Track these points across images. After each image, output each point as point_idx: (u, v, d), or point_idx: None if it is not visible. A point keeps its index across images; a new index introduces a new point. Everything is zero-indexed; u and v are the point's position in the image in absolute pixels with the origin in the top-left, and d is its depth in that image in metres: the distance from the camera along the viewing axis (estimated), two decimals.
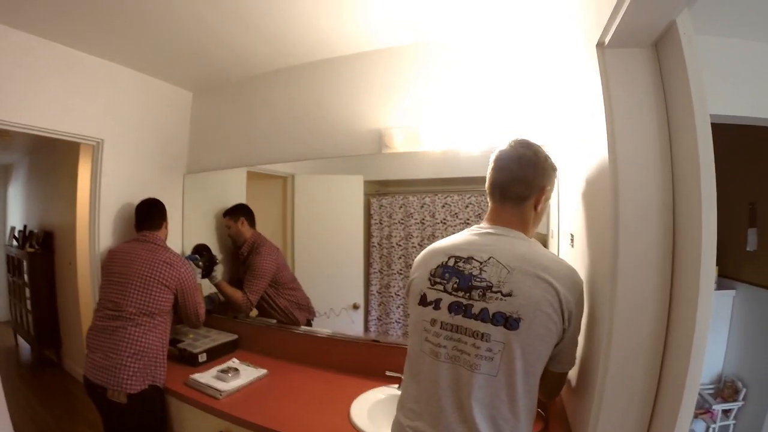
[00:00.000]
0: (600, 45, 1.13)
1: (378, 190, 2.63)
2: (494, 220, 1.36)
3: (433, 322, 1.27)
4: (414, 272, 1.42)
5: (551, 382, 1.33)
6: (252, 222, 2.97)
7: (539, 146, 1.38)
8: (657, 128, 1.07)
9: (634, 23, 1.01)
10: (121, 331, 2.15)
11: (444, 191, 2.43)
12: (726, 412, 2.80)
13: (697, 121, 0.94)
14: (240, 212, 2.97)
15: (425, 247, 1.46)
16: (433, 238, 2.43)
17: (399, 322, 2.58)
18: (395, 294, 2.58)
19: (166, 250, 2.42)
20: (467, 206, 2.39)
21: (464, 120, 2.24)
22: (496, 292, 1.18)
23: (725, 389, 2.83)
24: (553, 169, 1.39)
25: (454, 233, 1.39)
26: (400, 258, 2.56)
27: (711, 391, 2.92)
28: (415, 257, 1.47)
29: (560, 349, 1.24)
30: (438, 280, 1.30)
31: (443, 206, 2.43)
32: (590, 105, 1.28)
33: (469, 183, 2.38)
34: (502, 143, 1.41)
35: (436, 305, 1.28)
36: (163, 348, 2.28)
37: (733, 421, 2.79)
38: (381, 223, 2.60)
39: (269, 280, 2.85)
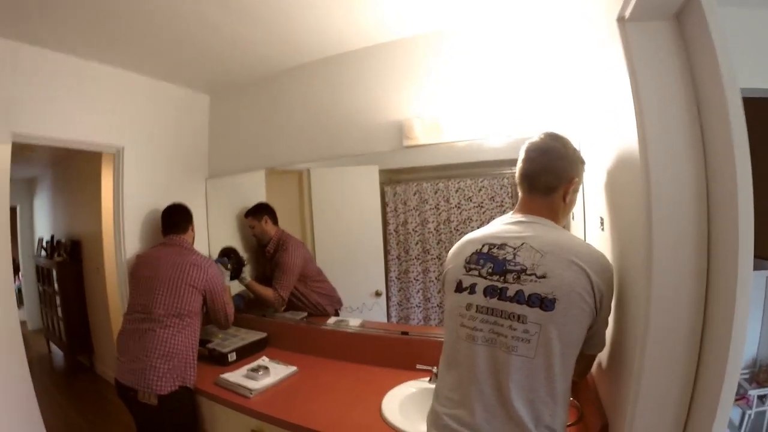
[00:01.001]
0: (621, 19, 1.10)
1: (391, 178, 2.64)
2: (524, 210, 1.39)
3: (469, 306, 1.29)
4: (448, 264, 1.44)
5: (584, 363, 1.36)
6: (275, 219, 3.00)
7: (568, 139, 1.41)
8: (685, 103, 1.03)
9: None
10: (150, 334, 2.17)
11: (457, 176, 2.44)
12: (762, 398, 2.71)
13: (727, 93, 0.90)
14: (263, 211, 2.99)
15: (441, 232, 1.48)
16: (449, 222, 2.44)
17: (419, 307, 2.60)
18: (414, 279, 2.60)
19: (193, 253, 2.46)
20: (480, 190, 2.39)
21: (485, 109, 2.21)
22: (530, 275, 1.21)
23: (761, 374, 2.74)
24: (582, 161, 1.43)
25: (468, 217, 1.42)
26: (417, 244, 2.57)
27: (746, 376, 2.82)
28: (432, 242, 1.49)
29: (594, 332, 1.26)
30: (473, 266, 1.33)
31: (457, 191, 2.43)
32: (615, 84, 1.26)
33: (482, 167, 2.39)
34: (530, 134, 1.43)
35: (472, 290, 1.30)
36: (193, 349, 2.30)
37: None
38: (396, 211, 2.62)
39: (298, 275, 2.88)
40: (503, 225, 1.38)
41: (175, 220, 2.60)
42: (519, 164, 1.42)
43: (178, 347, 2.20)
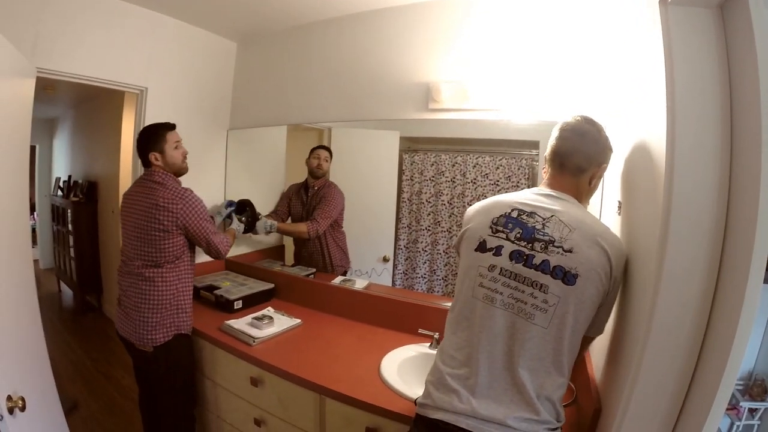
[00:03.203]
0: (663, 2, 1.08)
1: (410, 146, 2.64)
2: (553, 186, 1.41)
3: (492, 267, 1.29)
4: (469, 221, 1.45)
5: (582, 345, 1.36)
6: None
7: (602, 126, 1.43)
8: (719, 95, 1.01)
9: None
10: (134, 288, 2.14)
11: (476, 152, 2.44)
12: (752, 411, 2.74)
13: (762, 94, 0.88)
14: (330, 152, 3.00)
15: (454, 205, 1.49)
16: (463, 197, 2.44)
17: (424, 278, 2.62)
18: (422, 250, 2.61)
19: (161, 187, 2.16)
20: (498, 168, 2.38)
21: (512, 81, 2.16)
22: (558, 247, 1.23)
23: (754, 387, 2.76)
24: (611, 149, 1.45)
25: (482, 193, 1.42)
26: (429, 215, 2.57)
27: (740, 388, 2.85)
28: (444, 214, 1.50)
29: (598, 315, 1.28)
30: (500, 228, 1.33)
31: (474, 166, 2.43)
32: (649, 68, 1.23)
33: (502, 145, 2.38)
34: (555, 115, 1.48)
35: (497, 252, 1.30)
36: (183, 295, 2.24)
37: (758, 422, 2.73)
38: (412, 180, 2.62)
39: (337, 215, 2.92)
40: (533, 194, 1.40)
41: (139, 153, 2.27)
42: (552, 141, 1.44)
43: (166, 296, 2.15)
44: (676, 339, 1.02)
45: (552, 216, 1.29)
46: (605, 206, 1.84)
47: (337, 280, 2.78)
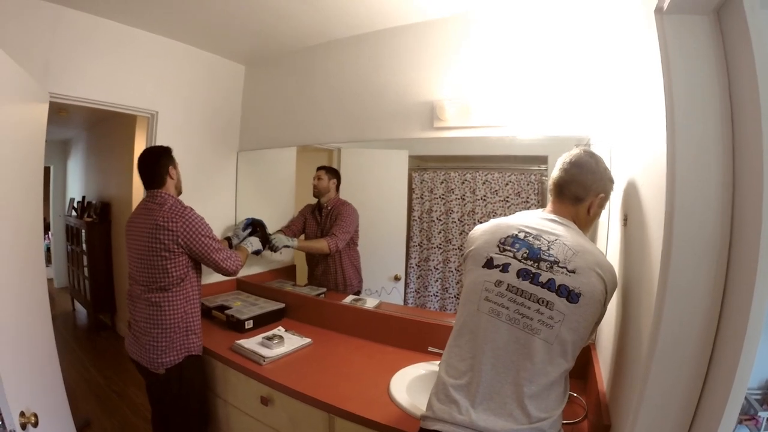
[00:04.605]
0: (659, 10, 1.08)
1: (419, 165, 2.66)
2: (555, 212, 1.48)
3: (499, 283, 1.33)
4: (475, 241, 1.48)
5: None
6: (338, 186, 3.04)
7: (601, 158, 1.51)
8: (719, 102, 1.00)
9: None
10: (142, 312, 2.15)
11: (485, 168, 2.45)
12: None
13: (761, 98, 0.88)
14: (335, 173, 3.03)
15: (465, 223, 1.53)
16: (473, 214, 2.45)
17: (437, 296, 2.62)
18: (434, 268, 2.61)
19: (160, 207, 2.13)
20: (507, 184, 2.40)
21: (512, 97, 2.18)
22: (562, 267, 1.29)
23: None
24: (611, 180, 1.52)
25: (492, 210, 1.47)
26: (440, 233, 2.58)
27: (758, 397, 2.79)
28: (455, 232, 1.55)
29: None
30: (507, 248, 1.38)
31: (483, 183, 2.44)
32: (648, 79, 1.23)
33: (511, 161, 2.40)
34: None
35: (504, 268, 1.35)
36: (192, 316, 2.23)
37: None
38: (422, 198, 2.64)
39: (353, 230, 2.93)
40: (537, 218, 1.46)
41: (149, 173, 2.23)
42: (554, 173, 1.53)
43: (174, 320, 2.14)
44: (683, 352, 1.01)
45: (556, 239, 1.35)
46: (612, 220, 1.84)
47: (348, 299, 2.78)
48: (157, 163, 2.23)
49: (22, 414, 1.50)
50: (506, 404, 1.21)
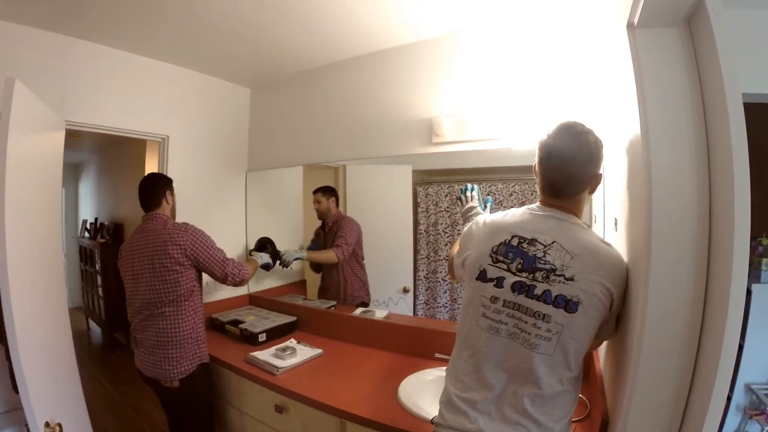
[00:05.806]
0: (630, 25, 1.11)
1: (424, 179, 2.72)
2: (552, 206, 1.37)
3: (494, 299, 1.30)
4: (468, 247, 1.44)
5: (592, 344, 1.36)
6: (337, 203, 3.13)
7: (588, 130, 1.34)
8: (691, 110, 1.03)
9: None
10: (153, 328, 2.21)
11: (488, 180, 2.48)
12: None
13: (728, 102, 0.90)
14: (332, 192, 3.12)
15: None
16: None
17: (446, 307, 2.66)
18: (442, 279, 2.66)
19: (164, 226, 2.26)
20: (511, 194, 2.44)
21: (504, 111, 2.25)
22: (559, 276, 1.23)
23: None
24: (601, 147, 1.35)
25: None
26: (446, 245, 2.64)
27: (766, 392, 2.78)
28: None
29: (604, 326, 1.28)
30: (501, 258, 1.32)
31: (488, 195, 2.47)
32: (624, 90, 1.27)
33: (513, 172, 2.42)
34: (548, 128, 1.40)
35: (498, 283, 1.30)
36: (200, 326, 2.32)
37: None
38: (427, 211, 2.69)
39: (356, 241, 3.00)
40: (532, 216, 1.37)
41: (147, 195, 2.38)
42: (542, 170, 1.40)
43: (185, 331, 2.23)
44: (670, 348, 1.04)
45: (553, 242, 1.27)
46: (607, 223, 1.87)
47: (358, 311, 2.84)
48: (156, 185, 2.39)
49: (47, 424, 1.58)
50: (514, 415, 1.22)
